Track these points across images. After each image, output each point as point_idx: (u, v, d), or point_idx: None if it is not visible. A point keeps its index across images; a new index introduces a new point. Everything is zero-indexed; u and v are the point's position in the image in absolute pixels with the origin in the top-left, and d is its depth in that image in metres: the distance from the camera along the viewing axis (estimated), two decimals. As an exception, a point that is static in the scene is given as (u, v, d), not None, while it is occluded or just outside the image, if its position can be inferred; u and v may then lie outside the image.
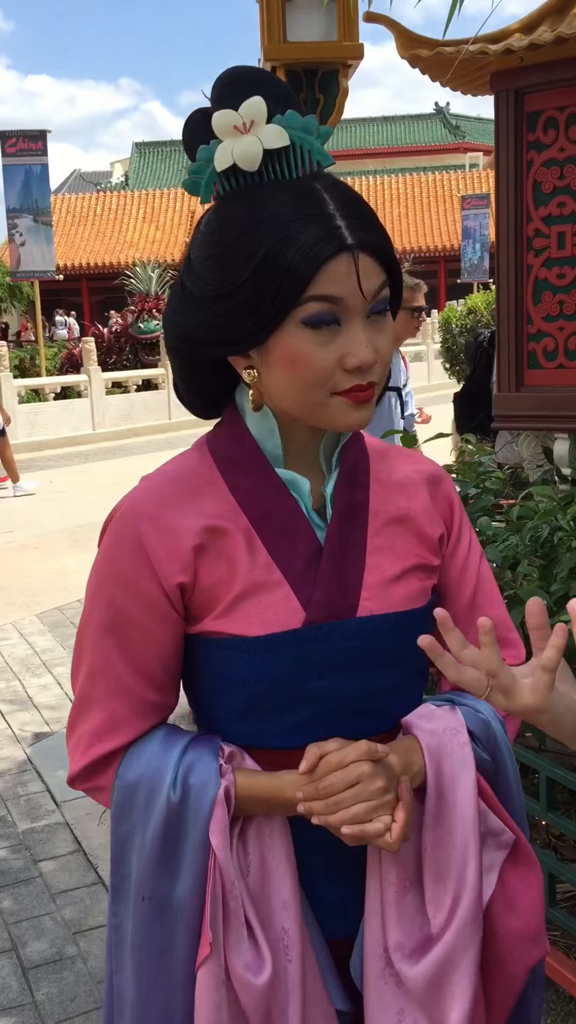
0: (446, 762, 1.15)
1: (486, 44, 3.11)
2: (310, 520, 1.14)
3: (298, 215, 1.02)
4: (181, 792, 1.09)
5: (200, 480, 1.14)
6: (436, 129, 50.77)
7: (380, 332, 1.07)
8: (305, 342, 1.04)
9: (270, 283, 1.02)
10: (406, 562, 1.17)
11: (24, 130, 17.16)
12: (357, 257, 1.03)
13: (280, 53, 3.90)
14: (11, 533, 8.52)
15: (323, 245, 1.01)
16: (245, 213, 1.04)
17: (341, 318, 1.04)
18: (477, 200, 21.10)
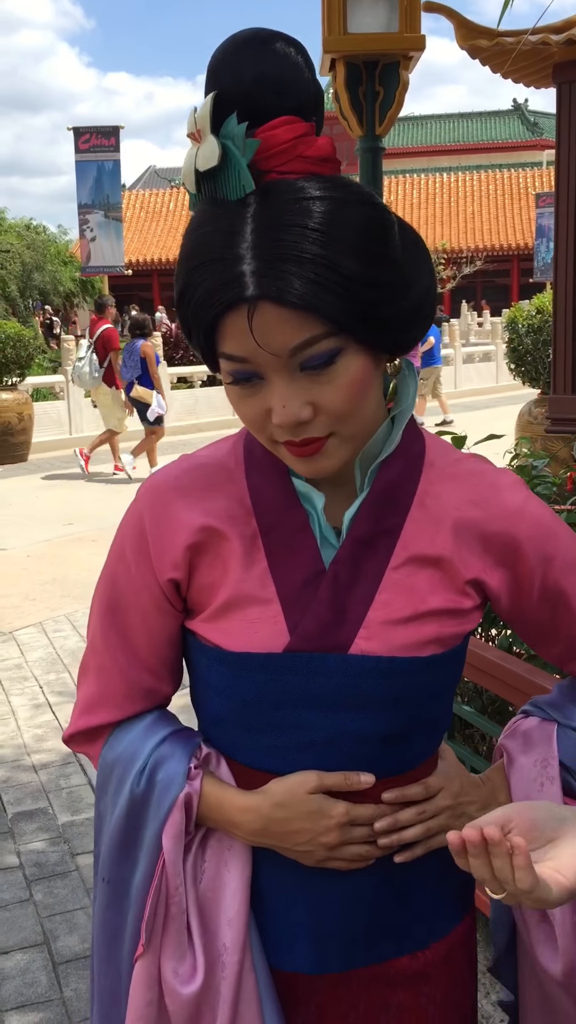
0: (534, 799, 1.10)
1: (548, 34, 3.00)
2: (321, 539, 1.04)
3: (206, 257, 0.89)
4: (146, 784, 1.07)
5: (222, 474, 1.07)
6: (514, 126, 50.05)
7: (324, 383, 0.92)
8: (232, 391, 0.97)
9: (188, 330, 0.95)
10: (425, 605, 1.03)
11: (97, 126, 17.36)
12: (253, 310, 0.87)
13: (340, 45, 3.84)
14: (71, 525, 8.61)
15: (219, 296, 0.88)
16: (185, 237, 0.94)
17: (261, 372, 0.92)
18: (552, 198, 20.70)
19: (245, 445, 1.09)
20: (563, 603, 1.09)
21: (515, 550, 1.05)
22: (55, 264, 27.95)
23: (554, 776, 1.11)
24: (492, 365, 22.28)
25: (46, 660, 5.34)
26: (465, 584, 1.05)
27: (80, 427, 14.63)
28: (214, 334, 0.92)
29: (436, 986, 1.13)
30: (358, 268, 0.88)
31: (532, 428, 8.19)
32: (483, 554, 1.05)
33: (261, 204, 0.88)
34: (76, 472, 11.63)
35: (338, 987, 1.10)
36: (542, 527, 1.06)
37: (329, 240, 0.86)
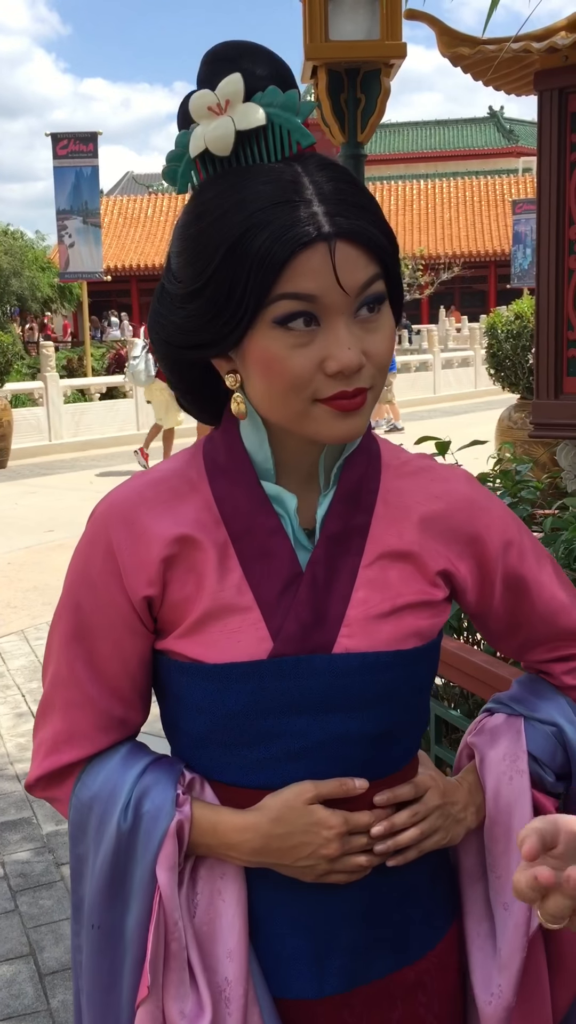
0: (504, 792, 1.12)
1: (530, 42, 3.03)
2: (295, 541, 1.04)
3: (269, 201, 0.90)
4: (132, 818, 1.02)
5: (186, 485, 1.05)
6: (490, 133, 50.40)
7: (373, 331, 0.95)
8: (279, 344, 0.93)
9: (239, 274, 0.91)
10: (401, 598, 1.04)
11: (75, 132, 17.34)
12: (334, 246, 0.90)
13: (322, 52, 3.85)
14: (52, 532, 8.57)
15: (297, 231, 0.89)
16: (215, 201, 0.94)
17: (320, 317, 0.92)
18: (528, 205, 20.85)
19: (205, 455, 1.07)
20: (523, 589, 1.13)
21: (477, 539, 1.09)
22: (33, 270, 27.81)
23: (523, 769, 1.12)
24: (471, 370, 22.39)
25: (28, 668, 5.30)
26: (435, 575, 1.07)
27: (60, 433, 14.58)
28: (278, 276, 0.91)
29: (432, 995, 1.13)
30: (386, 227, 0.97)
31: (512, 433, 8.23)
32: (449, 545, 1.08)
33: (304, 163, 0.94)
34: (56, 479, 11.58)
35: (340, 1011, 1.08)
36: (498, 516, 1.11)
37: (366, 194, 0.96)
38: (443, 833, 1.10)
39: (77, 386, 15.97)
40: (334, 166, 0.95)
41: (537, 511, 3.22)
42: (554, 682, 1.19)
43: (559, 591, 1.15)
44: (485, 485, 3.28)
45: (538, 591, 1.14)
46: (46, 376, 14.48)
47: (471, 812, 1.13)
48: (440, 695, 3.03)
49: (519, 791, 1.12)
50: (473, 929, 1.15)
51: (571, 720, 1.16)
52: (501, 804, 1.12)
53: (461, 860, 1.19)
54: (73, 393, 15.61)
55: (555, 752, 1.15)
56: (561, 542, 2.67)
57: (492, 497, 1.12)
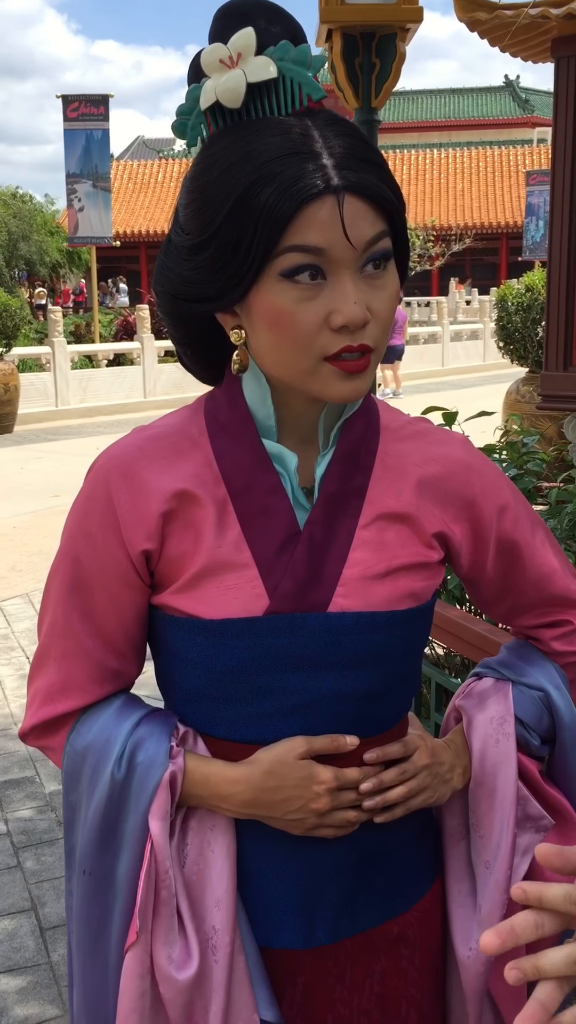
0: (490, 754, 1.14)
1: (547, 8, 2.99)
2: (293, 500, 1.04)
3: (278, 153, 0.91)
4: (126, 769, 1.03)
5: (186, 441, 1.05)
6: (505, 102, 49.76)
7: (377, 288, 0.95)
8: (285, 298, 0.93)
9: (246, 226, 0.91)
10: (397, 560, 1.06)
11: (86, 95, 17.16)
12: (342, 200, 0.90)
13: (338, 15, 3.80)
14: (57, 497, 8.59)
15: (304, 183, 0.89)
16: (224, 153, 0.94)
17: (326, 270, 0.92)
18: (542, 176, 20.62)
19: (206, 412, 1.07)
20: (516, 554, 1.14)
21: (472, 503, 1.10)
22: (41, 234, 27.65)
23: (510, 732, 1.14)
24: (480, 343, 22.29)
25: (33, 631, 5.34)
26: (431, 538, 1.08)
27: (66, 399, 14.57)
28: (285, 228, 0.91)
29: (414, 948, 1.15)
30: (394, 184, 0.97)
31: (520, 406, 8.21)
32: (445, 508, 1.09)
33: (314, 117, 0.94)
34: (62, 445, 11.59)
35: (325, 961, 1.10)
36: (493, 481, 1.12)
37: (374, 150, 0.96)
38: (430, 792, 1.11)
39: (85, 352, 15.93)
40: (343, 121, 0.95)
41: (543, 483, 3.22)
42: (542, 648, 1.21)
43: (551, 556, 1.16)
44: (491, 457, 3.29)
45: (530, 556, 1.15)
46: (54, 341, 14.44)
47: (458, 773, 1.15)
48: (441, 664, 3.05)
49: (505, 754, 1.14)
50: (454, 887, 1.18)
51: (558, 686, 1.18)
52: (487, 766, 1.14)
53: (445, 820, 1.21)
54: (80, 359, 15.57)
55: (541, 716, 1.16)
56: (566, 514, 2.68)
57: (488, 462, 1.14)
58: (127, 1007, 1.02)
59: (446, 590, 2.96)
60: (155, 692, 1.14)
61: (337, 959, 1.10)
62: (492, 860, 1.13)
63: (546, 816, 1.15)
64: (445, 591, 2.96)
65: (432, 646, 2.97)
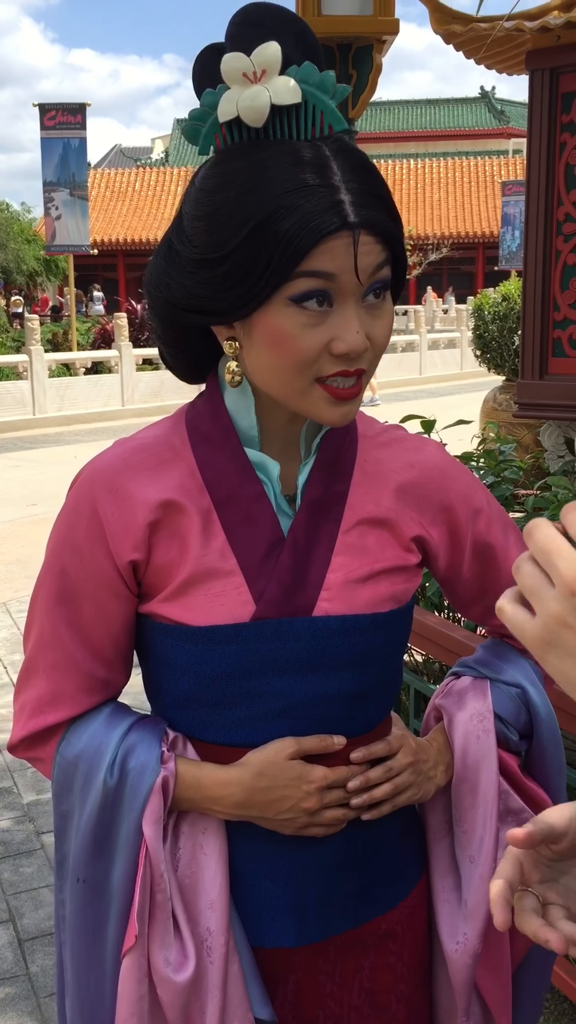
0: (471, 750, 1.16)
1: (522, 21, 3.02)
2: (277, 507, 1.07)
3: (300, 184, 0.92)
4: (119, 776, 1.04)
5: (169, 452, 1.07)
6: (480, 113, 50.17)
7: (377, 317, 0.99)
8: (291, 322, 0.95)
9: (261, 254, 0.92)
10: (378, 564, 1.09)
11: (63, 103, 17.13)
12: (357, 235, 0.93)
13: (314, 26, 3.78)
14: (35, 506, 8.55)
15: (324, 219, 0.91)
16: (244, 173, 0.94)
17: (333, 298, 0.95)
18: (518, 187, 20.80)
19: (187, 422, 1.09)
20: (490, 556, 1.17)
21: (449, 507, 1.13)
22: (18, 242, 27.55)
23: (490, 728, 1.16)
24: (457, 352, 22.40)
25: (10, 640, 5.31)
26: (410, 541, 1.11)
27: (44, 408, 14.52)
28: (300, 260, 0.93)
29: (403, 944, 1.18)
30: (396, 213, 1.00)
31: (497, 414, 8.25)
32: (423, 512, 1.12)
33: (327, 144, 0.95)
34: (40, 453, 11.54)
35: (315, 959, 1.12)
36: (467, 485, 1.16)
37: (383, 182, 0.98)
38: (415, 789, 1.13)
39: (62, 360, 15.88)
40: (355, 151, 0.97)
41: (520, 491, 3.24)
42: (517, 645, 1.24)
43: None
44: (468, 465, 3.31)
45: (504, 558, 1.18)
46: (31, 349, 14.40)
47: (440, 770, 1.17)
48: (420, 670, 3.06)
49: (486, 749, 1.16)
50: (439, 882, 1.20)
51: (533, 682, 1.20)
52: (469, 762, 1.16)
53: (428, 818, 1.23)
54: (58, 367, 15.52)
55: (519, 712, 1.19)
56: (542, 521, 2.70)
57: (462, 467, 1.18)
58: (126, 1011, 1.03)
59: (424, 597, 2.97)
60: (136, 701, 1.15)
61: (327, 956, 1.13)
62: (476, 855, 1.15)
63: (527, 809, 1.17)
64: (424, 598, 2.97)
65: (411, 653, 2.98)
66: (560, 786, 1.23)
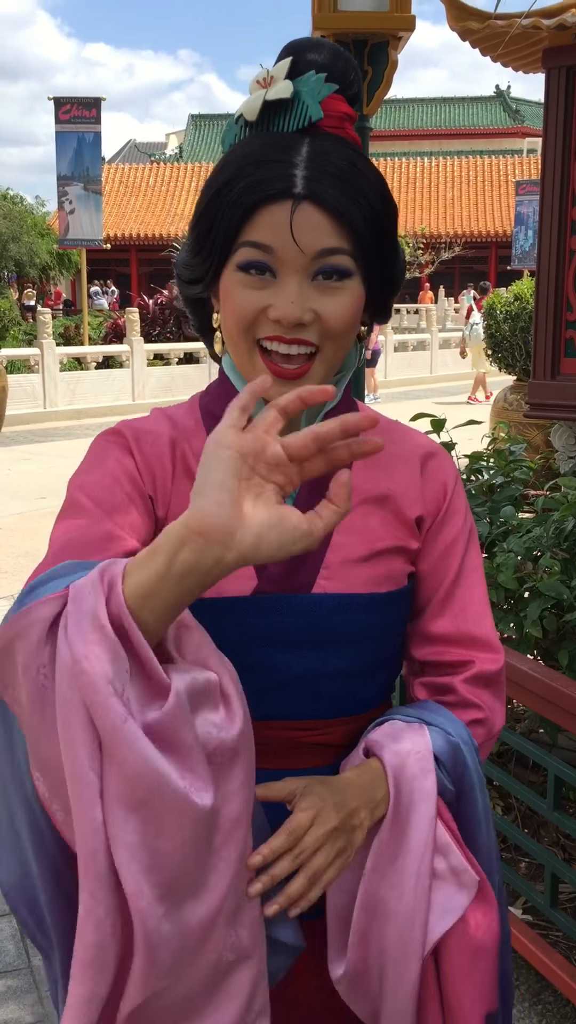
0: (404, 789, 1.04)
1: (539, 19, 3.01)
2: None
3: (259, 158, 0.98)
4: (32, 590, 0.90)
5: (187, 430, 1.12)
6: (495, 112, 50.01)
7: (329, 295, 1.00)
8: (236, 284, 1.01)
9: (216, 218, 1.00)
10: (378, 543, 1.11)
11: (79, 97, 17.16)
12: (296, 206, 0.97)
13: (330, 22, 3.81)
14: (43, 500, 8.56)
15: (262, 187, 0.97)
16: (227, 156, 1.03)
17: (276, 270, 0.99)
18: (532, 186, 20.72)
19: (201, 406, 1.14)
20: (447, 560, 1.15)
21: (441, 492, 1.16)
22: (32, 236, 27.60)
23: (429, 769, 1.06)
24: (468, 351, 22.32)
25: (17, 633, 5.32)
26: (412, 522, 1.14)
27: (55, 401, 14.53)
28: (242, 224, 0.99)
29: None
30: (380, 209, 1.01)
31: (507, 414, 8.23)
32: (419, 493, 1.14)
33: (315, 138, 1.00)
34: (50, 447, 11.56)
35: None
36: (459, 482, 1.19)
37: (364, 178, 1.00)
38: (346, 856, 1.01)
39: (74, 354, 15.89)
40: (346, 146, 1.01)
41: (530, 491, 3.23)
42: (450, 698, 1.15)
43: (479, 589, 1.17)
44: (479, 464, 3.30)
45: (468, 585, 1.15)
46: (42, 343, 14.41)
47: (366, 813, 1.03)
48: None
49: (427, 791, 1.05)
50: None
51: (467, 742, 1.11)
52: (402, 801, 1.05)
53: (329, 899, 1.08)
54: (69, 361, 15.53)
55: (456, 760, 1.09)
56: (552, 522, 2.69)
57: (454, 465, 1.20)
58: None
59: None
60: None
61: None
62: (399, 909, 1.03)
63: (468, 870, 1.06)
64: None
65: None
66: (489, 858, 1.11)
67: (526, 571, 2.66)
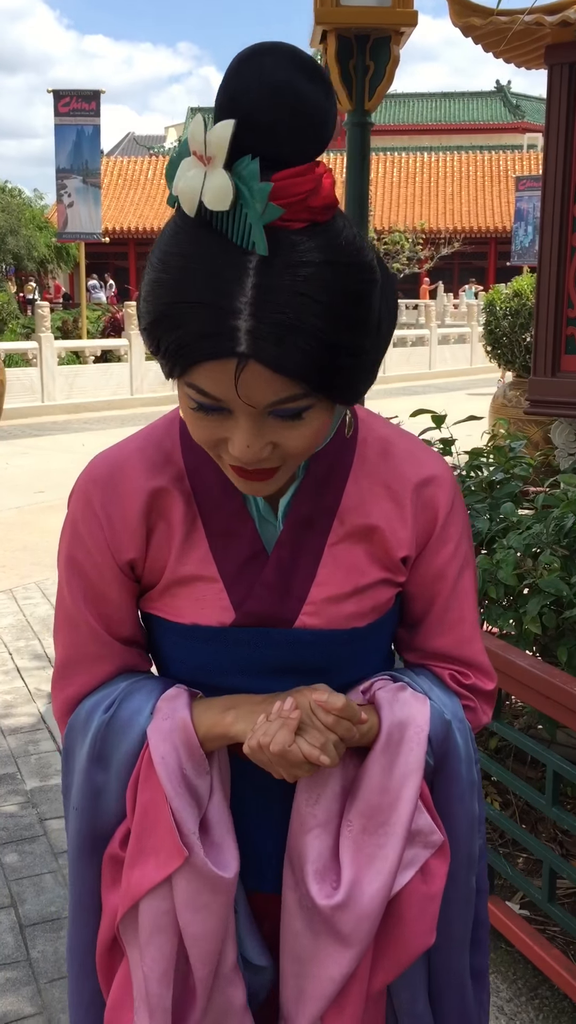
0: (400, 760, 1.07)
1: (542, 15, 3.00)
2: (259, 519, 1.08)
3: (199, 298, 0.84)
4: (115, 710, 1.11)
5: (161, 456, 1.10)
6: (495, 108, 49.92)
7: (290, 428, 0.93)
8: (190, 412, 0.94)
9: (157, 346, 0.90)
10: (364, 578, 1.09)
11: (78, 90, 17.09)
12: (242, 367, 0.86)
13: (332, 17, 3.80)
14: (42, 493, 8.56)
15: (204, 344, 0.85)
16: (165, 260, 0.88)
17: (228, 410, 0.91)
18: (532, 182, 20.69)
19: (180, 426, 1.11)
20: (437, 586, 1.14)
21: (432, 518, 1.11)
22: (30, 229, 27.53)
23: (423, 741, 1.08)
24: (467, 347, 22.34)
25: (16, 627, 5.32)
26: (399, 560, 1.10)
27: (53, 395, 14.51)
28: (186, 370, 0.90)
29: None
30: (346, 338, 0.88)
31: (507, 411, 8.23)
32: (413, 521, 1.10)
33: (263, 261, 0.84)
34: (48, 440, 11.54)
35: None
36: (456, 507, 1.13)
37: (326, 311, 0.86)
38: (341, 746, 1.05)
39: (72, 348, 15.87)
40: (302, 258, 0.85)
41: (530, 488, 3.23)
42: (451, 685, 1.18)
43: (472, 618, 1.17)
44: (478, 460, 3.30)
45: (460, 609, 1.15)
46: (41, 337, 14.39)
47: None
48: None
49: (415, 765, 1.08)
50: None
51: (462, 721, 1.15)
52: (396, 771, 1.08)
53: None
54: (68, 355, 15.52)
55: (445, 739, 1.12)
56: (552, 519, 2.70)
57: (456, 486, 1.15)
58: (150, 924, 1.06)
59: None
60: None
61: None
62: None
63: (436, 831, 1.11)
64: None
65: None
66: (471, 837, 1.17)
67: (526, 567, 2.67)
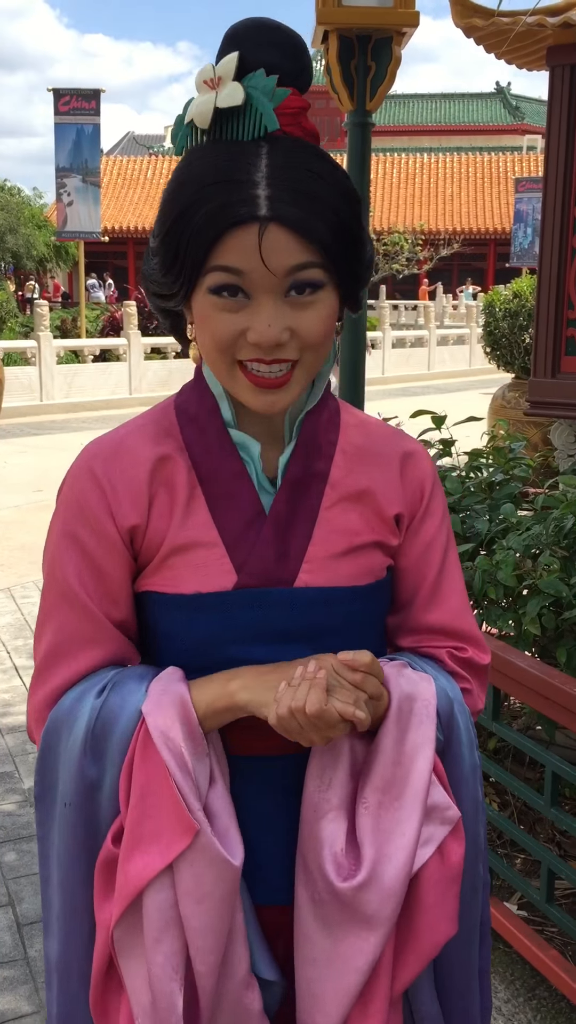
0: (412, 733, 1.09)
1: (544, 16, 3.01)
2: (258, 485, 1.12)
3: (218, 178, 0.97)
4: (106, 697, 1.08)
5: (161, 432, 1.13)
6: (495, 109, 49.94)
7: (303, 310, 1.01)
8: (211, 307, 1.01)
9: (180, 245, 0.99)
10: (358, 538, 1.14)
11: (78, 88, 17.10)
12: (264, 229, 0.96)
13: (334, 17, 3.80)
14: (40, 492, 8.55)
15: (230, 211, 0.96)
16: (182, 170, 1.01)
17: (249, 291, 1.00)
18: (531, 183, 20.70)
19: (176, 406, 1.15)
20: (429, 557, 1.19)
21: (419, 490, 1.18)
22: (29, 227, 27.53)
23: (432, 714, 1.11)
24: (466, 348, 22.34)
25: (14, 626, 5.32)
26: (392, 519, 1.16)
27: (51, 394, 14.50)
28: (210, 249, 0.98)
29: None
30: (349, 216, 1.01)
31: (506, 412, 8.24)
32: (398, 491, 1.17)
33: (272, 146, 0.99)
34: (46, 439, 11.54)
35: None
36: (437, 482, 1.21)
37: (331, 187, 1.00)
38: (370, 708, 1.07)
39: (71, 347, 15.86)
40: (305, 150, 1.00)
41: (529, 489, 3.24)
42: (447, 666, 1.20)
43: (461, 590, 1.22)
44: (477, 462, 3.30)
45: (451, 581, 1.20)
46: (39, 335, 14.38)
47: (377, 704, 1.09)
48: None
49: (426, 737, 1.10)
50: None
51: (461, 702, 1.17)
52: (407, 745, 1.09)
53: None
54: (66, 354, 15.51)
55: (449, 717, 1.15)
56: (551, 520, 2.70)
57: (440, 491, 1.22)
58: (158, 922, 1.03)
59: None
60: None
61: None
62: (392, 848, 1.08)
63: (452, 806, 1.11)
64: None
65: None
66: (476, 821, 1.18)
67: (525, 568, 2.67)
